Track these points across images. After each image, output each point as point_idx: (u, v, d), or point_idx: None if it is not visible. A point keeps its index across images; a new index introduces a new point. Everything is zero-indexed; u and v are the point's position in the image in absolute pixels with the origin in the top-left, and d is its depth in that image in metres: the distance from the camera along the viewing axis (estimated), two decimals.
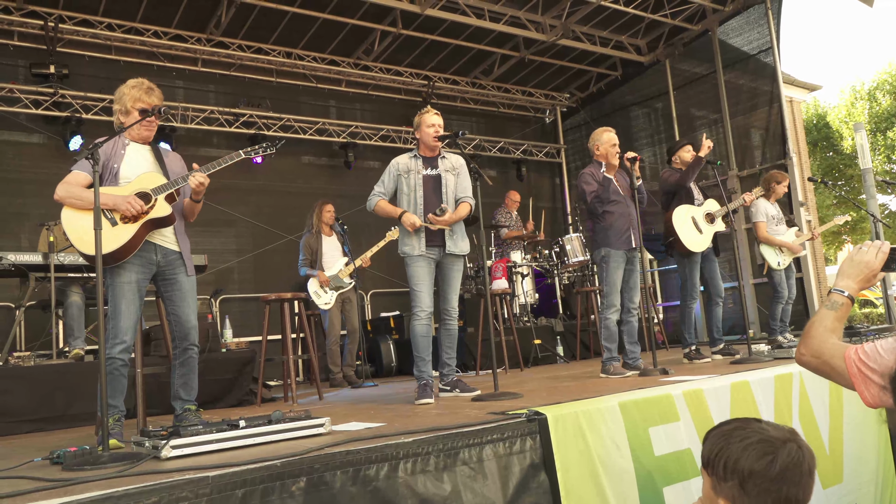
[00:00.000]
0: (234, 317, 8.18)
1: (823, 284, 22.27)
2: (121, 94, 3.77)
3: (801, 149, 22.99)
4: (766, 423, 1.86)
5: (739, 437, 1.82)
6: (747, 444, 1.79)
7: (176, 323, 3.75)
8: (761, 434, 1.80)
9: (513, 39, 10.33)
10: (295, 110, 9.97)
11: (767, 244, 6.93)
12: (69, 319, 5.89)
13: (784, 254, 6.95)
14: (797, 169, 9.69)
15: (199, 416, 3.69)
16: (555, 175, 12.84)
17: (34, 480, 2.40)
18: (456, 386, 4.66)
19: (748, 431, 1.82)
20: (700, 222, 6.06)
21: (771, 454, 1.75)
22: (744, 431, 1.83)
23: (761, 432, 1.81)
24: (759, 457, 1.76)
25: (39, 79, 8.17)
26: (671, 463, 3.23)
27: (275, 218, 9.47)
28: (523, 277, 8.59)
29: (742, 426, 1.86)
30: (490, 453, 2.75)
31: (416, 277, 4.64)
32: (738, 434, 1.83)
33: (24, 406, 4.79)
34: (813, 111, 29.65)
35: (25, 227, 7.74)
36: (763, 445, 1.77)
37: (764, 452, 1.76)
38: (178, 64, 9.25)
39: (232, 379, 5.73)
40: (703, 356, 5.96)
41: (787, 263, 6.97)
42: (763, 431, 1.81)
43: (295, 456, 2.35)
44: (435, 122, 4.76)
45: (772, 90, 9.60)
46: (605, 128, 5.63)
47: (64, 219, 3.53)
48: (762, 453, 1.76)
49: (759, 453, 1.76)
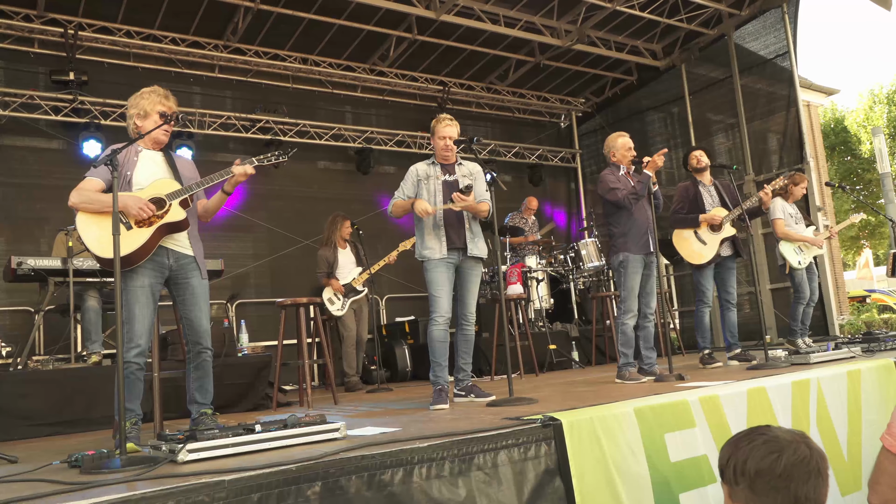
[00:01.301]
0: (251, 321, 8.21)
1: (841, 290, 22.09)
2: (138, 100, 3.81)
3: (818, 153, 22.82)
4: (777, 428, 1.86)
5: (747, 441, 1.85)
6: (754, 446, 1.81)
7: (188, 326, 3.78)
8: (767, 436, 1.82)
9: (528, 45, 10.33)
10: (311, 116, 10.01)
11: (787, 240, 6.90)
12: (87, 324, 5.95)
13: (804, 253, 6.91)
14: (814, 173, 9.62)
15: (215, 420, 3.71)
16: (570, 180, 12.81)
17: (52, 483, 2.42)
18: (471, 391, 4.66)
19: (755, 435, 1.85)
20: (702, 233, 6.08)
21: (776, 452, 1.77)
22: (751, 436, 1.86)
23: (768, 434, 1.83)
24: (763, 456, 1.78)
25: (59, 85, 8.25)
26: (687, 469, 3.21)
27: (291, 223, 9.50)
28: (538, 282, 8.57)
29: (750, 432, 1.89)
30: (505, 459, 2.74)
31: (435, 283, 4.63)
32: (746, 439, 1.86)
33: (44, 410, 4.84)
34: (831, 115, 29.44)
35: (45, 233, 7.81)
36: (768, 445, 1.79)
37: (769, 451, 1.78)
38: (196, 70, 9.32)
39: (248, 383, 5.76)
40: (716, 360, 5.95)
41: (807, 262, 6.93)
42: (770, 433, 1.83)
43: (310, 460, 2.35)
44: (446, 134, 4.74)
45: (789, 94, 9.54)
46: (618, 133, 5.63)
47: (79, 224, 3.57)
48: (767, 452, 1.78)
49: (765, 452, 1.78)
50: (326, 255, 7.32)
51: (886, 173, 8.89)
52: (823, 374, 4.10)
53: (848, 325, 16.39)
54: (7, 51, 8.16)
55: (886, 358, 4.67)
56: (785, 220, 6.95)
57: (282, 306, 5.69)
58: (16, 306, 7.62)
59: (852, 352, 5.21)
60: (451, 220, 4.67)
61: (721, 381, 4.14)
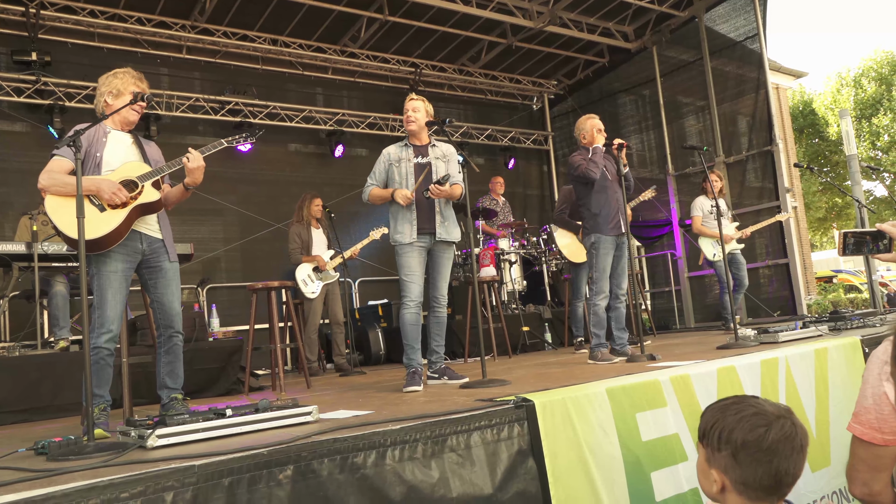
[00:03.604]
0: (222, 306, 8.14)
1: (809, 270, 22.44)
2: (111, 79, 3.75)
3: (787, 135, 23.09)
4: (763, 400, 1.88)
5: (735, 410, 1.86)
6: (742, 417, 1.83)
7: (160, 310, 3.74)
8: (757, 408, 1.84)
9: (500, 26, 10.28)
10: (281, 98, 9.89)
11: (701, 235, 7.80)
12: (54, 309, 5.85)
13: (719, 245, 7.48)
14: (783, 155, 9.73)
15: (185, 405, 3.68)
16: (543, 162, 12.83)
17: (18, 471, 2.37)
18: (444, 374, 4.66)
19: (744, 405, 1.87)
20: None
21: (764, 426, 1.79)
22: (739, 405, 1.88)
23: (757, 406, 1.85)
24: (752, 428, 1.80)
25: (21, 66, 8.05)
26: (659, 448, 3.24)
27: (262, 206, 9.41)
28: (511, 265, 8.59)
29: (739, 401, 1.90)
30: (478, 440, 2.75)
31: (406, 267, 4.62)
32: (734, 408, 1.87)
33: (10, 397, 4.75)
34: (799, 98, 29.80)
35: (9, 217, 7.64)
36: (757, 418, 1.81)
37: (757, 424, 1.80)
38: (163, 51, 9.15)
39: (219, 368, 5.71)
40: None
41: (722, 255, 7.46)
42: (759, 405, 1.85)
43: (282, 444, 2.34)
44: (410, 106, 4.75)
45: (758, 77, 9.63)
46: (588, 115, 5.66)
47: (49, 207, 3.49)
48: (755, 425, 1.80)
49: (753, 425, 1.80)
50: (300, 231, 7.23)
51: (853, 155, 9.00)
52: (791, 353, 4.17)
53: (815, 305, 16.71)
54: None
55: (852, 336, 4.76)
56: (704, 217, 7.75)
57: (253, 290, 5.63)
58: None
59: (819, 330, 5.30)
60: (421, 205, 4.66)
61: (692, 361, 4.18)
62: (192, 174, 3.69)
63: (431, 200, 4.65)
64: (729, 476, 1.83)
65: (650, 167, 11.09)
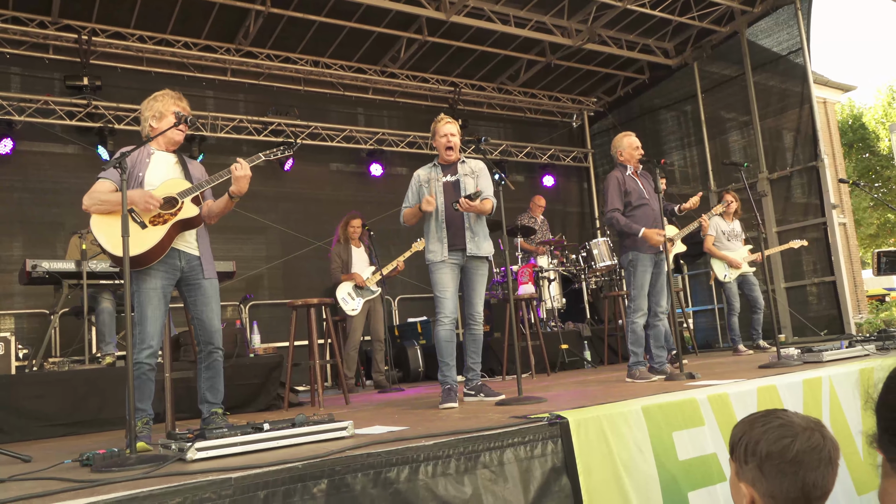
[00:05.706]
0: (264, 322, 8.27)
1: (860, 288, 21.88)
2: (152, 103, 3.87)
3: (835, 150, 22.63)
4: (793, 413, 1.86)
5: (762, 422, 1.85)
6: (768, 428, 1.81)
7: (199, 327, 3.82)
8: (783, 419, 1.82)
9: (539, 45, 10.32)
10: (323, 118, 10.06)
11: (712, 256, 7.79)
12: (101, 325, 6.01)
13: (732, 268, 7.64)
14: (829, 170, 9.55)
15: (225, 420, 3.74)
16: (583, 180, 12.78)
17: (63, 481, 2.45)
18: (480, 390, 4.66)
19: (771, 418, 1.85)
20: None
21: (790, 437, 1.77)
22: (767, 418, 1.86)
23: (784, 418, 1.83)
24: (777, 439, 1.78)
25: (73, 91, 8.35)
26: (696, 468, 3.19)
27: (304, 224, 9.55)
28: (550, 282, 8.56)
29: (767, 413, 1.89)
30: (511, 457, 2.74)
31: (440, 284, 4.66)
32: (762, 420, 1.86)
33: (58, 410, 4.89)
34: (848, 112, 29.17)
35: (61, 237, 7.90)
36: (783, 429, 1.79)
37: (783, 435, 1.78)
38: (208, 74, 9.40)
39: (260, 384, 5.80)
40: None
41: (734, 275, 7.66)
42: (786, 417, 1.83)
43: (316, 458, 2.37)
44: (447, 131, 4.77)
45: (802, 91, 9.48)
46: (624, 132, 5.64)
47: (94, 226, 3.61)
48: (781, 436, 1.78)
49: (778, 436, 1.78)
50: (340, 251, 7.39)
51: None
52: (836, 372, 4.07)
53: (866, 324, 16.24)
54: (22, 57, 8.27)
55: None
56: (717, 238, 7.75)
57: (293, 307, 5.72)
58: (32, 309, 7.72)
59: (866, 349, 5.17)
60: (451, 222, 4.69)
61: (731, 380, 4.11)
62: (237, 182, 3.71)
63: (461, 217, 4.67)
64: (757, 489, 1.80)
65: (692, 183, 10.97)
